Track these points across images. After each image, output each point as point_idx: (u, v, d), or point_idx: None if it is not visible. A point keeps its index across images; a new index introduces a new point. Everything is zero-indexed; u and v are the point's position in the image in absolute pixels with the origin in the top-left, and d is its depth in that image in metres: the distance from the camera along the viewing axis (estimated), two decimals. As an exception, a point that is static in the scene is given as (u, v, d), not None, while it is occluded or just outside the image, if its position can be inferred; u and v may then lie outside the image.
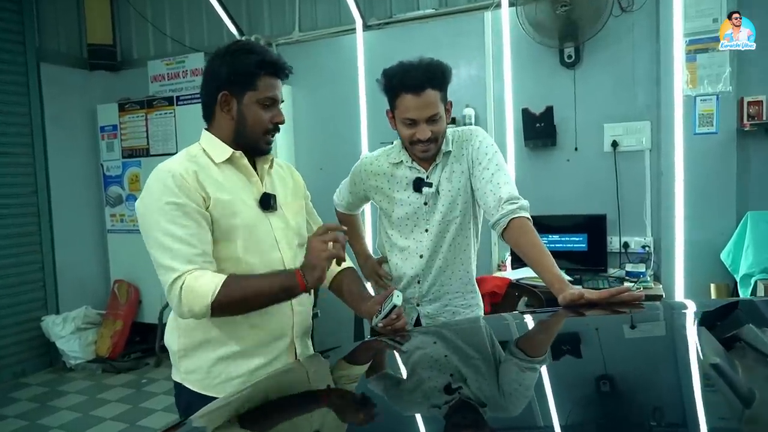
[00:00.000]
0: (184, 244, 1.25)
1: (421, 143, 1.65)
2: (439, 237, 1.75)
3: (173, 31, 4.66)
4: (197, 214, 1.28)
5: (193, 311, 1.25)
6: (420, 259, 1.77)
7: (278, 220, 1.43)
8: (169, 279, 1.24)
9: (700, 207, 3.01)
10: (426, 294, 1.80)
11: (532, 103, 3.39)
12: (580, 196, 3.34)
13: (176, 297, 1.24)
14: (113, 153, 4.54)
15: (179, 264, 1.24)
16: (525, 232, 1.55)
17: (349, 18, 3.93)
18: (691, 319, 1.22)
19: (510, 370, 1.06)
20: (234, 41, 1.43)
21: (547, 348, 1.21)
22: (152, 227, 1.28)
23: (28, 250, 4.25)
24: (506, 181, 1.65)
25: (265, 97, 1.38)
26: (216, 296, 1.23)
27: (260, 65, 1.35)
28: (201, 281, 1.24)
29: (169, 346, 1.42)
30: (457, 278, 1.80)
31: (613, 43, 3.24)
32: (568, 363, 1.10)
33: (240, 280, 1.29)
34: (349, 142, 3.95)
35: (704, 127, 2.97)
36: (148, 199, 1.30)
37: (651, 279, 3.08)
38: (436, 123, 1.64)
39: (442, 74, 1.64)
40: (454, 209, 1.73)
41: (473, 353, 1.20)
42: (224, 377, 1.35)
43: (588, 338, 1.23)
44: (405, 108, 1.62)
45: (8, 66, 4.13)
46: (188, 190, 1.28)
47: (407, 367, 1.17)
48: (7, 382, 4.02)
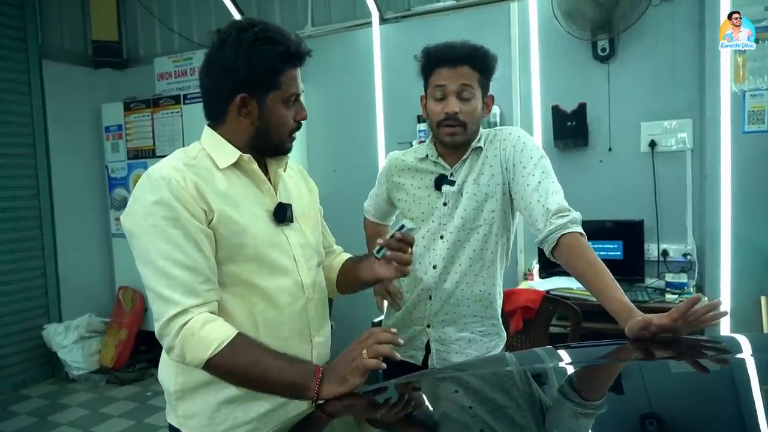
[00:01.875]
0: (184, 270, 1.04)
1: (448, 122, 1.49)
2: (456, 246, 1.54)
3: (181, 27, 4.49)
4: (199, 231, 1.07)
5: (184, 358, 1.04)
6: (433, 270, 1.56)
7: (296, 234, 1.21)
8: (168, 313, 1.03)
9: (750, 211, 2.76)
10: (438, 313, 1.58)
11: (562, 100, 3.16)
12: (615, 200, 3.11)
13: (172, 336, 1.03)
14: (118, 154, 4.38)
15: (180, 296, 1.03)
16: (579, 251, 1.33)
17: (365, 11, 3.73)
18: None
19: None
20: (243, 24, 1.15)
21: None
22: (145, 247, 1.07)
23: (29, 256, 4.09)
24: (555, 190, 1.44)
25: (290, 95, 1.16)
26: (216, 353, 1.01)
27: (284, 58, 1.12)
28: (207, 329, 1.03)
29: (163, 384, 1.21)
30: (476, 299, 1.57)
31: (652, 35, 3.00)
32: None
33: (250, 350, 1.05)
34: (364, 142, 3.75)
35: (754, 124, 2.72)
36: (140, 211, 1.08)
37: (694, 291, 2.84)
38: (468, 102, 1.49)
39: (485, 57, 1.51)
40: (477, 217, 1.53)
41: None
42: (230, 423, 1.13)
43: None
44: (437, 77, 1.50)
45: (8, 63, 3.96)
46: (187, 202, 1.06)
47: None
48: (7, 393, 3.85)
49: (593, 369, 1.15)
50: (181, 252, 1.04)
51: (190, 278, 1.04)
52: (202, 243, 1.07)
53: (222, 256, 1.11)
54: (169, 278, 1.04)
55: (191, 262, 1.05)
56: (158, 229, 1.05)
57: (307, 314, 1.21)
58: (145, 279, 1.08)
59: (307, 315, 1.21)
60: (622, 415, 0.91)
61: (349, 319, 3.13)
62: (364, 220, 1.90)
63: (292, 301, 1.16)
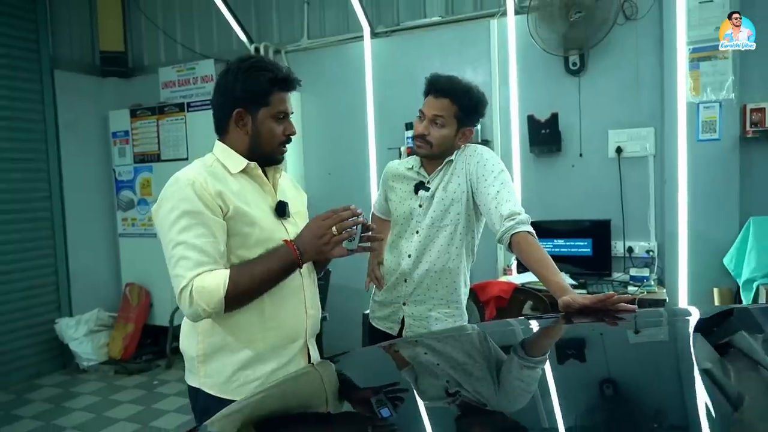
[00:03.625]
0: (197, 252, 1.31)
1: (417, 138, 1.83)
2: (427, 240, 1.84)
3: (184, 38, 4.75)
4: (214, 223, 1.34)
5: (207, 310, 1.30)
6: (408, 258, 1.87)
7: (291, 226, 1.49)
8: (180, 285, 1.30)
9: (704, 212, 3.05)
10: (411, 294, 1.88)
11: (537, 110, 3.44)
12: (585, 202, 3.39)
13: (187, 300, 1.29)
14: (125, 158, 4.63)
15: (188, 271, 1.30)
16: (526, 246, 1.62)
17: (357, 25, 3.99)
18: (685, 325, 1.27)
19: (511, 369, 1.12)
20: (244, 57, 1.47)
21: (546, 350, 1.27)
22: (169, 235, 1.33)
23: (42, 254, 4.34)
24: (508, 198, 1.72)
25: (278, 112, 1.44)
26: (227, 289, 1.29)
27: (273, 82, 1.41)
28: (208, 279, 1.30)
29: (185, 351, 1.48)
30: (443, 285, 1.87)
31: (618, 51, 3.29)
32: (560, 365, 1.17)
33: (244, 269, 1.34)
34: (356, 147, 4.02)
35: (707, 133, 3.01)
36: (167, 205, 1.35)
37: (655, 283, 3.12)
38: (437, 127, 1.79)
39: (467, 96, 1.79)
40: (444, 217, 1.82)
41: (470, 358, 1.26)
42: (242, 381, 1.40)
43: (576, 343, 1.30)
44: (425, 102, 1.84)
45: (23, 73, 4.21)
46: (207, 200, 1.34)
47: (411, 372, 1.23)
48: (22, 383, 4.11)
49: (536, 334, 1.44)
50: (197, 238, 1.31)
51: (200, 258, 1.31)
52: (217, 232, 1.34)
53: (236, 243, 1.38)
54: (185, 259, 1.30)
55: (204, 246, 1.31)
56: (180, 220, 1.32)
57: (302, 290, 1.49)
58: (167, 259, 1.35)
59: (302, 290, 1.49)
60: (556, 365, 1.19)
61: (340, 313, 3.41)
62: (372, 216, 2.20)
63: (290, 280, 1.43)
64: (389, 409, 0.96)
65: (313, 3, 4.21)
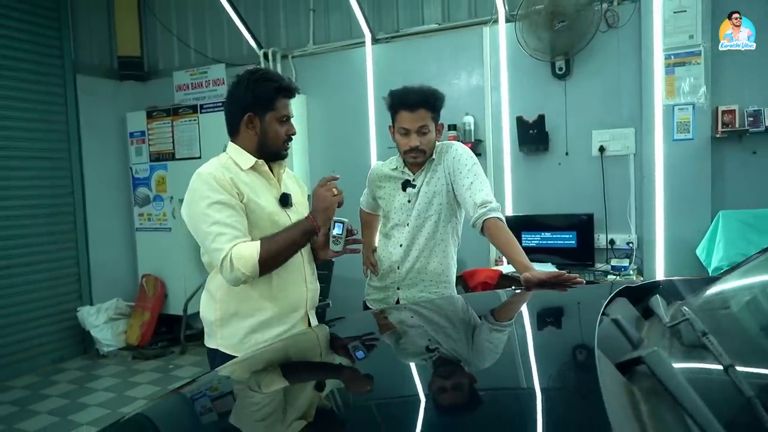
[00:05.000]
0: (230, 228, 1.58)
1: (412, 151, 2.02)
2: (416, 230, 2.08)
3: (197, 44, 5.02)
4: (237, 205, 1.61)
5: (246, 273, 1.56)
6: (400, 247, 2.11)
7: (294, 214, 1.76)
8: (220, 256, 1.56)
9: (678, 207, 3.28)
10: (404, 279, 2.12)
11: (526, 112, 3.68)
12: (570, 197, 3.63)
13: (228, 267, 1.55)
14: (141, 157, 4.91)
15: (225, 243, 1.56)
16: (496, 230, 1.87)
17: (359, 32, 4.25)
18: (617, 291, 1.51)
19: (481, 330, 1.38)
20: (253, 69, 1.75)
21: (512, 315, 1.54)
22: (202, 218, 1.59)
23: (65, 247, 4.64)
24: (481, 188, 1.96)
25: (282, 115, 1.72)
26: (260, 254, 1.56)
27: (278, 90, 1.69)
28: (243, 248, 1.57)
29: (204, 317, 1.75)
30: (432, 268, 2.10)
31: (601, 57, 3.53)
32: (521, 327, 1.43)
33: (271, 239, 1.62)
34: (359, 147, 4.27)
35: (681, 133, 3.25)
36: (196, 196, 1.61)
37: (634, 273, 3.36)
38: (425, 135, 2.01)
39: (434, 99, 2.02)
40: (429, 208, 2.06)
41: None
42: (253, 342, 1.67)
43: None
44: (401, 120, 2.02)
45: (48, 78, 4.52)
46: (227, 188, 1.61)
47: (394, 332, 1.49)
48: (47, 366, 4.41)
49: (503, 304, 1.69)
50: (228, 218, 1.58)
51: (233, 233, 1.58)
52: (240, 213, 1.61)
53: (249, 226, 1.64)
54: (219, 235, 1.57)
55: (232, 222, 1.58)
56: (210, 205, 1.59)
57: (303, 268, 1.77)
58: (203, 243, 1.61)
59: (303, 268, 1.77)
60: (519, 327, 1.44)
61: (342, 301, 3.66)
62: (360, 211, 2.45)
63: (293, 259, 1.69)
64: (363, 352, 1.23)
65: (318, 11, 4.47)
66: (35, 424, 3.42)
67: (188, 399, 1.10)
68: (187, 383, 1.16)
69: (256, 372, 1.24)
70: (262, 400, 1.06)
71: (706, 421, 0.75)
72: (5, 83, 4.21)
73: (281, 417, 0.97)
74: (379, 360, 1.25)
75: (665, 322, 1.14)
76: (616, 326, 1.14)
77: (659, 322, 1.22)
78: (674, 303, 1.38)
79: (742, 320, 1.24)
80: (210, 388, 1.15)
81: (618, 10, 3.46)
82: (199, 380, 1.16)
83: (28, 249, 4.36)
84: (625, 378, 0.96)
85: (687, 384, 0.82)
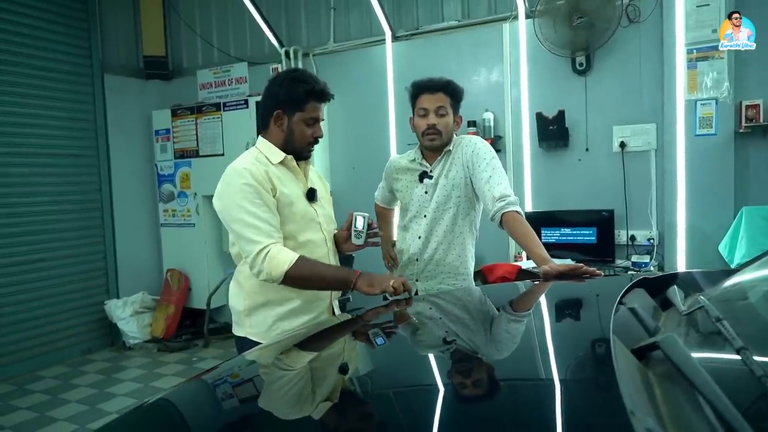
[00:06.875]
0: (264, 223, 1.63)
1: (429, 130, 2.06)
2: (434, 222, 2.11)
3: (220, 43, 5.11)
4: (269, 201, 1.66)
5: (271, 275, 1.61)
6: (418, 239, 2.14)
7: (320, 209, 1.82)
8: (255, 249, 1.61)
9: (701, 203, 3.26)
10: (423, 271, 2.15)
11: (545, 108, 3.69)
12: (591, 193, 3.62)
13: (260, 262, 1.61)
14: (166, 154, 5.02)
15: (264, 238, 1.62)
16: (514, 223, 1.90)
17: (379, 30, 4.29)
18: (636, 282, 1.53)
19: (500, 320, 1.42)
20: (291, 69, 1.82)
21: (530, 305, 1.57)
22: (237, 210, 1.64)
23: (93, 242, 4.77)
24: (499, 182, 1.99)
25: (309, 118, 1.77)
26: (291, 267, 1.60)
27: (309, 93, 1.74)
28: (282, 253, 1.61)
29: (233, 307, 1.81)
30: (450, 261, 2.13)
31: (622, 52, 3.51)
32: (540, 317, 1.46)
33: (310, 262, 1.65)
34: (378, 143, 4.31)
35: (704, 129, 3.22)
36: (231, 188, 1.66)
37: (655, 269, 3.35)
38: (443, 117, 2.06)
39: (454, 88, 2.08)
40: (447, 201, 2.09)
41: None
42: (280, 330, 1.72)
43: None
44: (421, 102, 2.09)
45: (78, 77, 4.65)
46: (262, 182, 1.66)
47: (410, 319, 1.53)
48: (76, 358, 4.55)
49: (522, 294, 1.72)
50: (262, 212, 1.63)
51: (267, 227, 1.63)
52: (273, 207, 1.67)
53: (283, 220, 1.69)
54: (255, 228, 1.62)
55: (268, 218, 1.64)
56: (246, 198, 1.64)
57: (328, 258, 1.82)
58: (237, 232, 1.65)
59: (328, 258, 1.82)
60: (537, 317, 1.47)
61: (362, 296, 3.71)
62: (375, 206, 2.49)
63: (319, 249, 1.75)
64: (383, 338, 1.27)
65: (338, 9, 4.52)
66: (66, 411, 3.54)
67: (223, 378, 1.15)
68: (215, 367, 1.21)
69: (285, 352, 1.30)
70: (290, 380, 1.11)
71: (722, 404, 0.77)
72: (37, 83, 4.34)
73: (310, 396, 1.01)
74: (398, 350, 1.29)
75: (681, 310, 1.16)
76: (632, 314, 1.17)
77: (675, 311, 1.24)
78: (692, 294, 1.40)
79: (760, 310, 1.25)
80: (235, 372, 1.20)
81: (639, 5, 3.44)
82: (230, 361, 1.22)
83: (58, 244, 4.49)
84: (641, 363, 0.98)
85: (701, 368, 0.84)
